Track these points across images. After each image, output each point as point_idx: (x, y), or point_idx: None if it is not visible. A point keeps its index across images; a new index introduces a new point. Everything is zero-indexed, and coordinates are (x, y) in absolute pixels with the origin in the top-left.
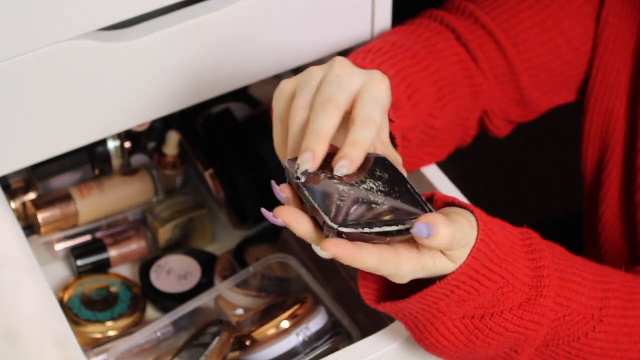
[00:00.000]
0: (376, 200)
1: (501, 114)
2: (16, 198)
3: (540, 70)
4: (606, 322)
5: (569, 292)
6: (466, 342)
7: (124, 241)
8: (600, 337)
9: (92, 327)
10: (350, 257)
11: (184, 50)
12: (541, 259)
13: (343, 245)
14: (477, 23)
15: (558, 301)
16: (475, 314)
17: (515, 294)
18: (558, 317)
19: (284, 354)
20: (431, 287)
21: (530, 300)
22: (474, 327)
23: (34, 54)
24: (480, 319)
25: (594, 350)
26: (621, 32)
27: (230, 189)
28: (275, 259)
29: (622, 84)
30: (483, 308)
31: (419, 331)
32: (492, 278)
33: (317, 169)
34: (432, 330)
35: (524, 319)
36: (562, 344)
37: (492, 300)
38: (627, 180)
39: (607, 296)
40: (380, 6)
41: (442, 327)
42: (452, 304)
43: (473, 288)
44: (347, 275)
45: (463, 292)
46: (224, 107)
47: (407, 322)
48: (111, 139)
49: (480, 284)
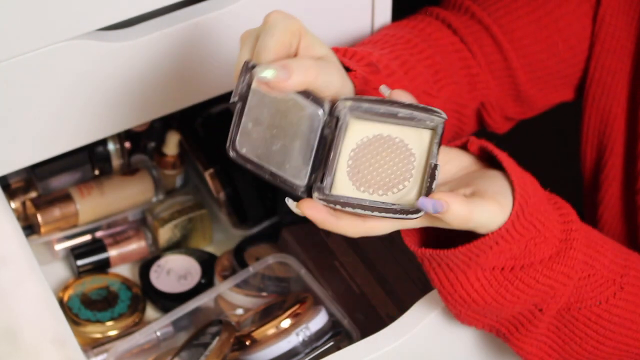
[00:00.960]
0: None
1: (499, 109)
2: (16, 198)
3: (536, 68)
4: (626, 290)
5: (594, 252)
6: (495, 295)
7: (124, 241)
8: (620, 304)
9: (92, 327)
10: (321, 222)
11: (184, 51)
12: (569, 215)
13: (318, 210)
14: (473, 19)
15: (584, 259)
16: (506, 266)
17: (546, 245)
18: (584, 275)
19: (284, 354)
20: (480, 240)
21: (560, 253)
22: (504, 279)
23: (34, 54)
24: (510, 271)
25: (612, 318)
26: (618, 32)
27: (230, 189)
28: (275, 259)
29: (619, 84)
30: (514, 259)
31: (449, 284)
32: (525, 226)
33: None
34: (463, 281)
35: (555, 270)
36: (584, 307)
37: (524, 251)
38: (627, 181)
39: (628, 265)
40: (380, 3)
41: (474, 277)
42: (491, 256)
43: (511, 236)
44: (347, 275)
45: (504, 241)
46: (224, 107)
47: (439, 272)
48: (111, 139)
49: (516, 232)
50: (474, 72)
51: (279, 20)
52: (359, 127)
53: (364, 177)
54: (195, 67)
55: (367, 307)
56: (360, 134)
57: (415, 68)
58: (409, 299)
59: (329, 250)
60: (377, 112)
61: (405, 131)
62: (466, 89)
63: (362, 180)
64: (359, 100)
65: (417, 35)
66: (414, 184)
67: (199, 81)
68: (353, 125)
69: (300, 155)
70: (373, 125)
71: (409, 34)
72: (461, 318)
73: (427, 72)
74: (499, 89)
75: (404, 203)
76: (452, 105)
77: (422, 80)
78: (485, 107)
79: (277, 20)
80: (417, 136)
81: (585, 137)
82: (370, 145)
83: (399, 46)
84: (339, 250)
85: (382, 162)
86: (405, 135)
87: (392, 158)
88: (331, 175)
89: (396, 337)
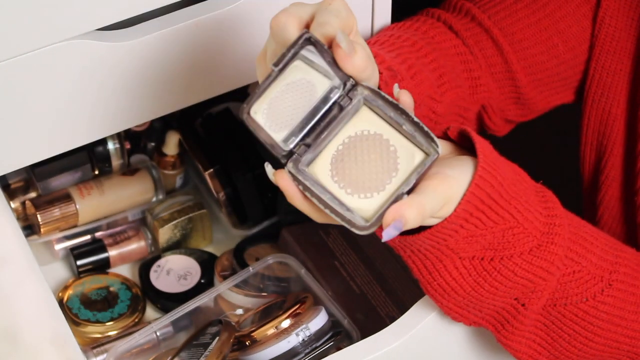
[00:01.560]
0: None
1: (499, 112)
2: (16, 198)
3: (537, 70)
4: (615, 287)
5: (580, 248)
6: (474, 285)
7: (123, 241)
8: (608, 301)
9: (92, 327)
10: (290, 197)
11: (184, 50)
12: (554, 209)
13: (291, 185)
14: (474, 21)
15: (569, 255)
16: (485, 256)
17: (526, 236)
18: (568, 272)
19: (284, 354)
20: (440, 224)
21: (542, 246)
22: (483, 269)
23: (34, 54)
24: (489, 261)
25: (600, 315)
26: (618, 33)
27: (230, 189)
28: (275, 259)
29: (619, 86)
30: (493, 250)
31: (427, 272)
32: (500, 213)
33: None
34: (441, 269)
35: (534, 264)
36: (570, 304)
37: (502, 241)
38: (627, 182)
39: (618, 262)
40: (380, 5)
41: (451, 266)
42: (461, 241)
43: (480, 221)
44: (347, 275)
45: (471, 225)
46: (224, 107)
47: (416, 261)
48: (111, 139)
49: (487, 217)
50: (476, 76)
51: (343, 6)
52: (366, 118)
53: (344, 168)
54: (195, 67)
55: (367, 307)
56: (363, 125)
57: (421, 72)
58: (409, 299)
59: (329, 250)
60: (386, 113)
61: (403, 143)
62: (468, 92)
63: (340, 170)
64: (377, 94)
65: (422, 38)
66: (380, 199)
67: (199, 81)
68: (362, 113)
69: (300, 123)
70: (380, 122)
71: (414, 37)
72: (446, 311)
73: (432, 76)
74: (500, 92)
75: (361, 213)
76: (455, 109)
77: (427, 85)
78: (486, 110)
79: (342, 6)
80: (410, 154)
81: (585, 137)
82: (366, 140)
83: (405, 49)
84: (339, 250)
85: (368, 162)
86: (400, 147)
87: (378, 163)
88: (314, 153)
89: (396, 338)
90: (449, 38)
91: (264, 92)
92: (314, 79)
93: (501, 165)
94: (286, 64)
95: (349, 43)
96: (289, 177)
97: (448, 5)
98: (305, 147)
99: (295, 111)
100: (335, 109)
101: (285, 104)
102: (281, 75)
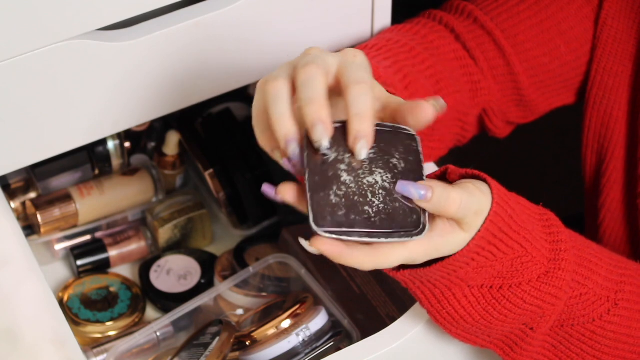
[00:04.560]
0: (373, 200)
1: (501, 114)
2: (16, 198)
3: (539, 71)
4: (621, 307)
5: (586, 270)
6: (483, 314)
7: (123, 241)
8: (615, 320)
9: (92, 327)
10: (338, 256)
11: (184, 51)
12: (558, 234)
13: (332, 244)
14: (476, 23)
15: (575, 278)
16: (494, 284)
17: (534, 264)
18: (575, 295)
19: (284, 354)
20: (453, 257)
21: (549, 273)
22: (492, 298)
23: (34, 54)
24: (498, 290)
25: (607, 334)
26: (620, 35)
27: (230, 189)
28: (275, 259)
29: (621, 88)
30: (502, 278)
31: (436, 301)
32: (509, 245)
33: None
34: (450, 298)
35: (542, 291)
36: (577, 324)
37: (511, 270)
38: (629, 185)
39: (623, 281)
40: (380, 5)
41: (461, 294)
42: (471, 271)
43: (491, 254)
44: (347, 275)
45: (482, 258)
46: (224, 107)
47: (425, 291)
48: (111, 139)
49: (498, 250)
50: (476, 79)
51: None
52: None
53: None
54: (195, 67)
55: (367, 308)
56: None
57: (417, 81)
58: (409, 299)
59: None
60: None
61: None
62: (468, 97)
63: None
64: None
65: (420, 43)
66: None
67: (199, 81)
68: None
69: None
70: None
71: (412, 42)
72: (454, 337)
73: (428, 83)
74: (501, 94)
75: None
76: (454, 114)
77: (423, 94)
78: (487, 113)
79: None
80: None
81: (586, 140)
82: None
83: (402, 56)
84: None
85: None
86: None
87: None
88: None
89: (396, 338)
90: (448, 42)
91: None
92: None
93: (511, 198)
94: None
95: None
96: (327, 239)
97: (450, 6)
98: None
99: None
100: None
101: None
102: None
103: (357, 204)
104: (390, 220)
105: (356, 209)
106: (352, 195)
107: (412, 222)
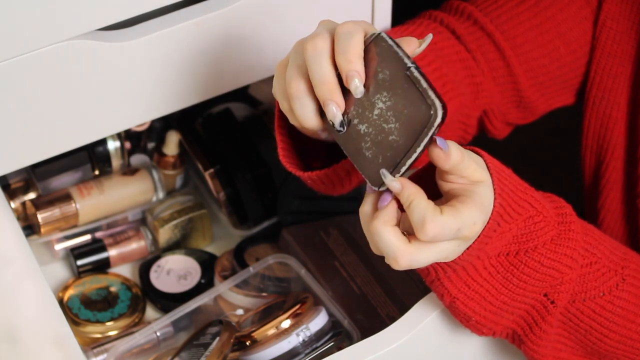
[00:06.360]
0: (389, 126)
1: (500, 116)
2: (16, 198)
3: (538, 73)
4: (628, 282)
5: (593, 240)
6: (504, 282)
7: (123, 241)
8: (623, 296)
9: (92, 327)
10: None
11: (184, 51)
12: (559, 202)
13: (404, 182)
14: (476, 25)
15: (584, 246)
16: (510, 251)
17: (546, 225)
18: (586, 263)
19: (284, 354)
20: (484, 230)
21: (561, 235)
22: (510, 264)
23: (34, 54)
24: (515, 255)
25: (616, 310)
26: (619, 36)
27: (230, 189)
28: (275, 259)
29: (620, 88)
30: (517, 243)
31: (462, 282)
32: (521, 204)
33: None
34: (473, 274)
35: (557, 252)
36: (588, 299)
37: (526, 232)
38: (628, 185)
39: (627, 258)
40: (380, 5)
41: (481, 267)
42: (496, 240)
43: (509, 216)
44: (347, 275)
45: (505, 222)
46: (224, 107)
47: (451, 275)
48: (111, 139)
49: (513, 210)
50: (478, 81)
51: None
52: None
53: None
54: (195, 67)
55: (367, 308)
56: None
57: None
58: (409, 299)
59: (329, 250)
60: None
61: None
62: (470, 98)
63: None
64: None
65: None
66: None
67: (199, 81)
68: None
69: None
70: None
71: None
72: (482, 322)
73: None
74: (501, 96)
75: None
76: (458, 117)
77: None
78: (487, 114)
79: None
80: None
81: (586, 140)
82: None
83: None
84: (339, 250)
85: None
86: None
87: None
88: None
89: (396, 338)
90: (452, 44)
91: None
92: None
93: (506, 169)
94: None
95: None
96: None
97: (449, 8)
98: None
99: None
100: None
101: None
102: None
103: (382, 142)
104: (411, 130)
105: (384, 146)
106: (375, 139)
107: (425, 111)
